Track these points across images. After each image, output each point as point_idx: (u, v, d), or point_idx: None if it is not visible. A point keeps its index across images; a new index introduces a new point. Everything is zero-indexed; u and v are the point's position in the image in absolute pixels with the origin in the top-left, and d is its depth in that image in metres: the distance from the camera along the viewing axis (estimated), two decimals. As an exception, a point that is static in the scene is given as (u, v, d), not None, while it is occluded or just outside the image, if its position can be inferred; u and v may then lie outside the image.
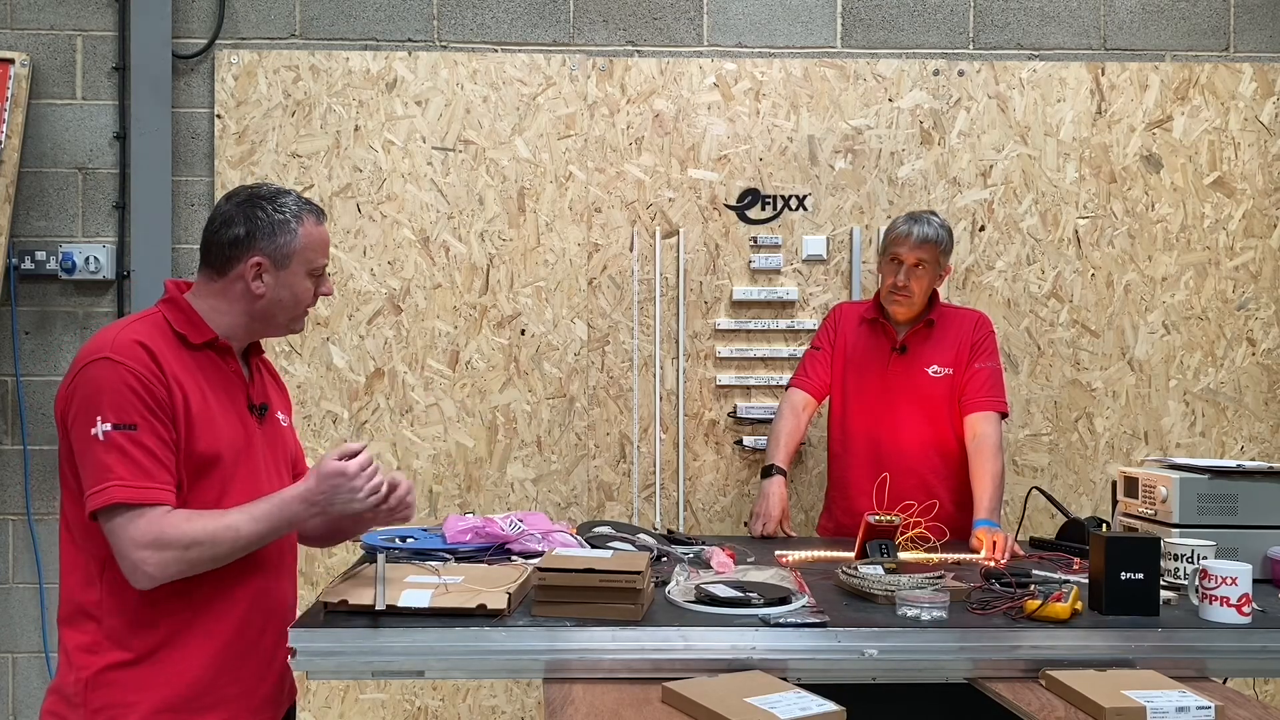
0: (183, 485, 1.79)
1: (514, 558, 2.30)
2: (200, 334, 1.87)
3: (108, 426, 1.73)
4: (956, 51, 3.69)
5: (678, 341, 3.62)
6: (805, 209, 3.63)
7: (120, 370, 1.75)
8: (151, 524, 1.71)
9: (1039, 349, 3.66)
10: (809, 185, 3.64)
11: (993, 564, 2.50)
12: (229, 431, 1.86)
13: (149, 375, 1.76)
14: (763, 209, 3.63)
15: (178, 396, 1.79)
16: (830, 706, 1.65)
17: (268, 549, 1.90)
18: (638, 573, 1.90)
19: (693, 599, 2.04)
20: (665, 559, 2.49)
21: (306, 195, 3.55)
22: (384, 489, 1.86)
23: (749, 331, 3.64)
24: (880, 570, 2.19)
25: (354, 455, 1.82)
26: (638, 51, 3.67)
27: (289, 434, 2.07)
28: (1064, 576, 2.31)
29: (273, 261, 1.89)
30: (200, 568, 1.76)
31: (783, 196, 3.63)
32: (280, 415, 2.04)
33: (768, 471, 3.03)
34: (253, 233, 1.88)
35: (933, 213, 3.03)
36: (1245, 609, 2.00)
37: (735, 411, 3.61)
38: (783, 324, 3.63)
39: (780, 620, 1.92)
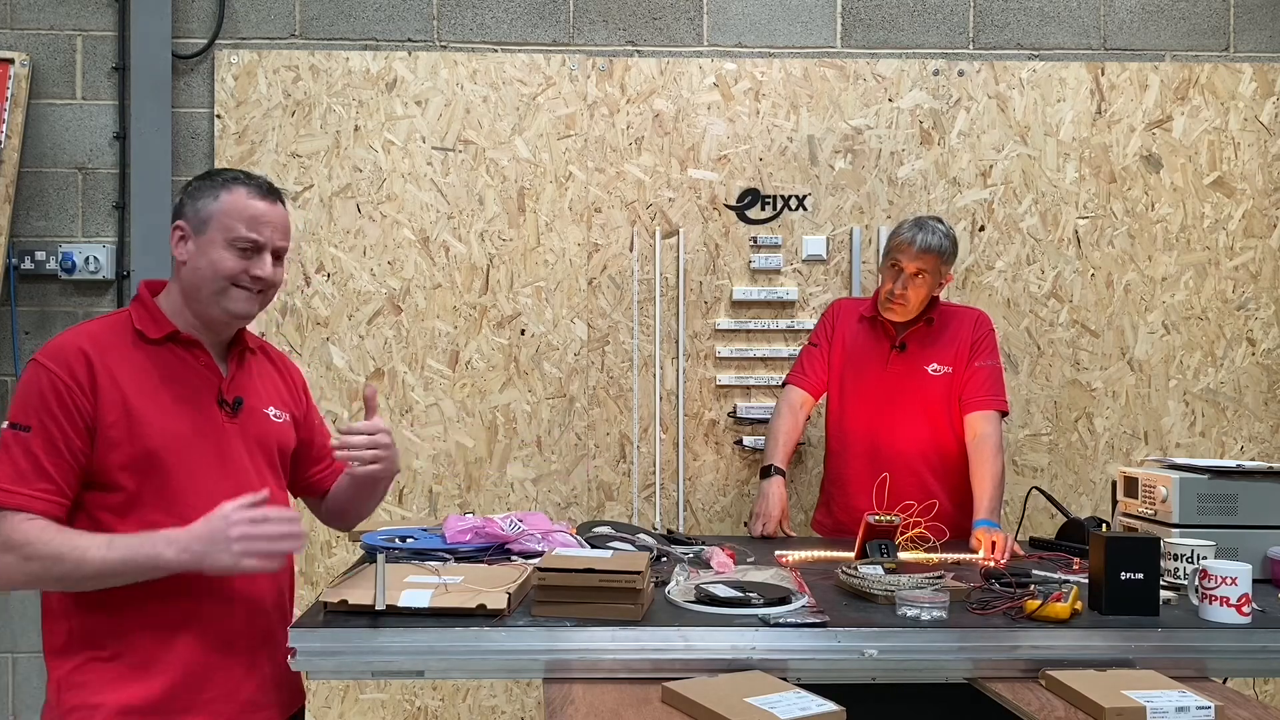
0: (121, 482, 1.77)
1: (514, 558, 2.29)
2: (159, 328, 1.85)
3: (5, 424, 1.74)
4: (956, 51, 3.69)
5: (678, 341, 3.62)
6: (805, 209, 3.63)
7: (40, 373, 1.75)
8: (5, 527, 1.70)
9: (1039, 349, 3.66)
10: (809, 185, 3.64)
11: (992, 564, 2.50)
12: (180, 425, 1.81)
13: (68, 381, 1.74)
14: (763, 209, 3.63)
15: (110, 397, 1.76)
16: (830, 706, 1.65)
17: None
18: (638, 573, 1.90)
19: (693, 599, 2.04)
20: (665, 559, 2.49)
21: (309, 194, 3.57)
22: (274, 544, 1.72)
23: (749, 331, 3.64)
24: (880, 570, 2.19)
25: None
26: (638, 51, 3.67)
27: (279, 428, 1.99)
28: (1064, 576, 2.31)
29: (192, 226, 1.85)
30: (45, 583, 1.72)
31: (783, 196, 3.63)
32: (272, 410, 1.98)
33: (766, 472, 3.03)
34: (182, 201, 1.88)
35: (939, 220, 2.99)
36: (1245, 609, 2.00)
37: (735, 411, 3.61)
38: (783, 324, 3.63)
39: (780, 620, 1.92)
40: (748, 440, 3.60)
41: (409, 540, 2.31)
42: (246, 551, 1.70)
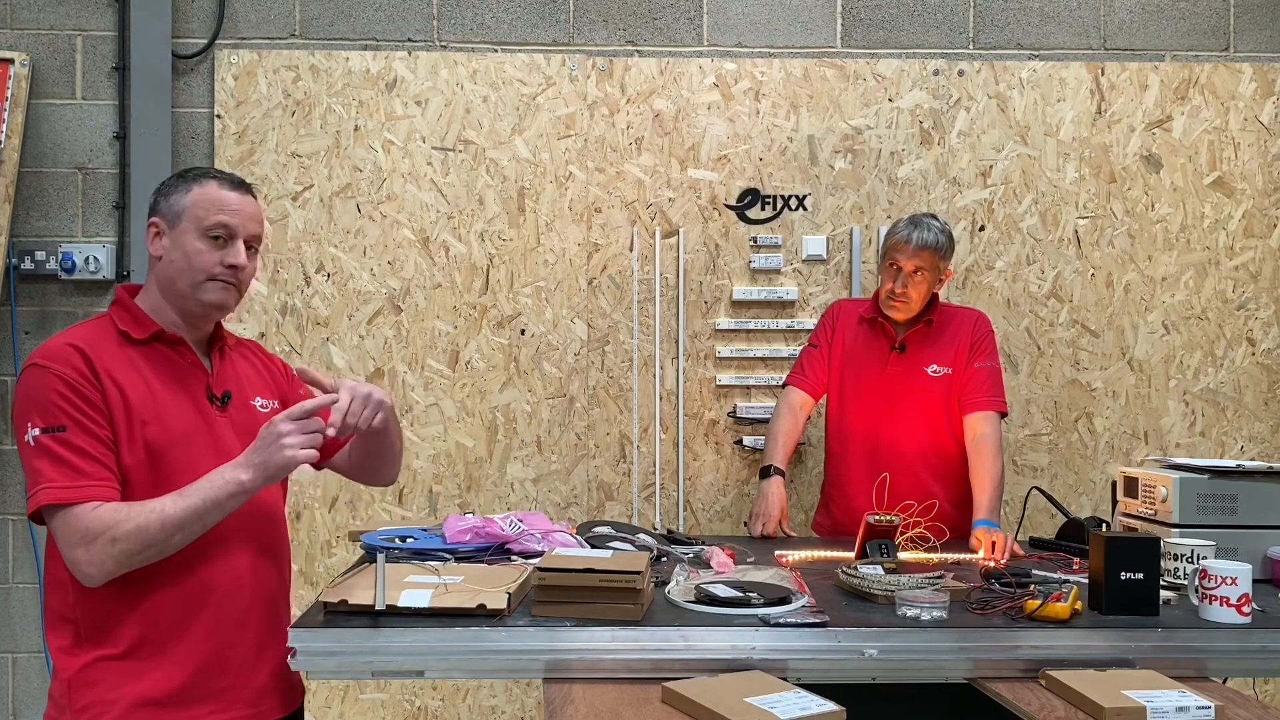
0: (128, 479, 1.78)
1: (514, 558, 2.29)
2: (143, 329, 1.87)
3: (37, 431, 1.74)
4: (956, 51, 3.69)
5: (678, 341, 3.62)
6: (805, 209, 3.63)
7: (46, 375, 1.76)
8: (79, 521, 1.71)
9: (1039, 349, 3.66)
10: (809, 185, 3.64)
11: (992, 564, 2.50)
12: (179, 421, 1.84)
13: (76, 376, 1.75)
14: (763, 209, 3.63)
15: (113, 394, 1.78)
16: (830, 706, 1.65)
17: (243, 536, 1.87)
18: (638, 573, 1.90)
19: (693, 599, 2.04)
20: (665, 559, 2.49)
21: (309, 194, 3.57)
22: (319, 435, 1.81)
23: (749, 331, 3.64)
24: (880, 570, 2.19)
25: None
26: (638, 51, 3.67)
27: (267, 417, 1.96)
28: (1064, 576, 2.31)
29: (166, 221, 1.89)
30: (137, 557, 1.73)
31: (783, 196, 3.63)
32: (259, 401, 2.00)
33: (766, 472, 3.03)
34: (156, 200, 1.92)
35: (934, 216, 3.01)
36: (1245, 609, 2.00)
37: (735, 411, 3.61)
38: (783, 324, 3.63)
39: (780, 620, 1.92)
40: (748, 440, 3.60)
41: (409, 540, 2.31)
42: (300, 443, 1.78)
